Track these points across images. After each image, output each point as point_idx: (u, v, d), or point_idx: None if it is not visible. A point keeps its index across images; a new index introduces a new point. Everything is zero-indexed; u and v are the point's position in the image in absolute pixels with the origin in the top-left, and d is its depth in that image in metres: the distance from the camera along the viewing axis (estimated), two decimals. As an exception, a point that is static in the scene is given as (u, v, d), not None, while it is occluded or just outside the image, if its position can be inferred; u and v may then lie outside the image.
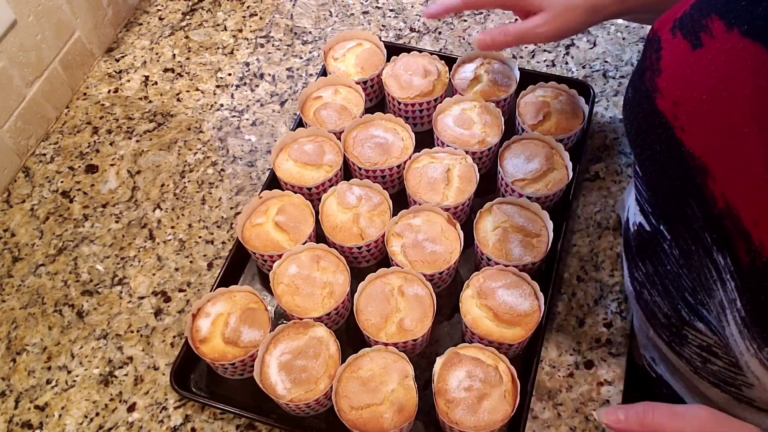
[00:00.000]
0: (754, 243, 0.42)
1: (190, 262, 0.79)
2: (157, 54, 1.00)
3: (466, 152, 0.79)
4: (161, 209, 0.84)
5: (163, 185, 0.86)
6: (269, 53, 0.99)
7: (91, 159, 0.89)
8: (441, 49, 0.97)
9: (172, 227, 0.82)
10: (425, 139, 0.83)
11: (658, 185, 0.52)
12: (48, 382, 0.71)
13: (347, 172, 0.83)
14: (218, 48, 1.00)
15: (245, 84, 0.96)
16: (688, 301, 0.55)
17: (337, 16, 1.03)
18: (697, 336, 0.57)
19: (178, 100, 0.95)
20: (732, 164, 0.44)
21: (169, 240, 0.81)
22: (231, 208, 0.84)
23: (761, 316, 0.43)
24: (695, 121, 0.46)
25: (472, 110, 0.83)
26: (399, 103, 0.85)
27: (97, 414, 0.69)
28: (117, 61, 0.99)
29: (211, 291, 0.71)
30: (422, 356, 0.71)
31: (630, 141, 0.55)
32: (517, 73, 0.85)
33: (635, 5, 0.65)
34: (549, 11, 0.65)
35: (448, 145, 0.79)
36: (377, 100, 0.91)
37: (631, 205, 0.63)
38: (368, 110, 0.91)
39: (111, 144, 0.90)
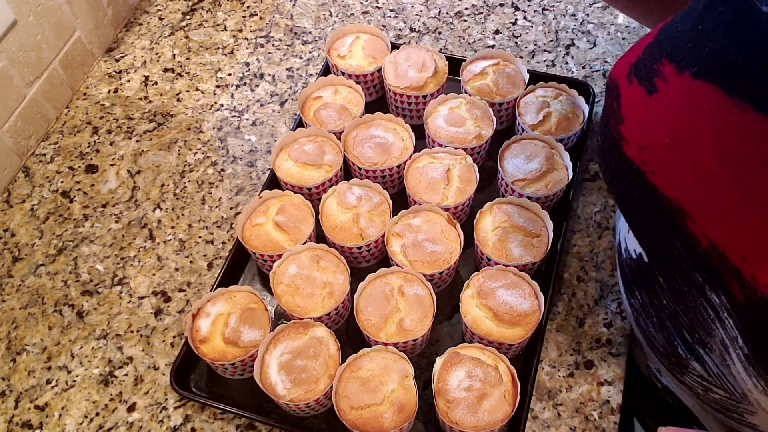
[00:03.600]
0: (745, 279, 0.41)
1: (190, 262, 0.79)
2: (157, 54, 1.00)
3: (464, 149, 0.79)
4: (161, 209, 0.84)
5: (163, 185, 0.86)
6: (269, 53, 0.99)
7: (91, 159, 0.89)
8: (441, 49, 0.97)
9: (172, 227, 0.82)
10: (416, 131, 0.83)
11: (641, 229, 0.52)
12: (48, 382, 0.71)
13: (347, 172, 0.83)
14: (218, 48, 1.00)
15: (245, 84, 0.96)
16: (685, 339, 0.53)
17: (337, 16, 1.03)
18: (696, 368, 0.56)
19: (178, 100, 0.95)
20: (707, 204, 0.43)
21: (169, 240, 0.81)
22: (231, 208, 0.84)
23: (765, 352, 0.43)
24: (663, 166, 0.46)
25: (459, 107, 0.83)
26: (390, 91, 0.85)
27: (97, 414, 0.69)
28: (117, 61, 0.99)
29: (211, 291, 0.71)
30: (422, 356, 0.71)
31: (608, 186, 0.55)
32: (527, 77, 0.85)
33: None
34: None
35: (446, 146, 0.79)
36: (383, 91, 0.91)
37: (625, 228, 0.62)
38: (373, 102, 0.91)
39: (111, 144, 0.90)
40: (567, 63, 0.95)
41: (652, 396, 0.71)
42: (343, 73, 0.88)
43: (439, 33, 1.00)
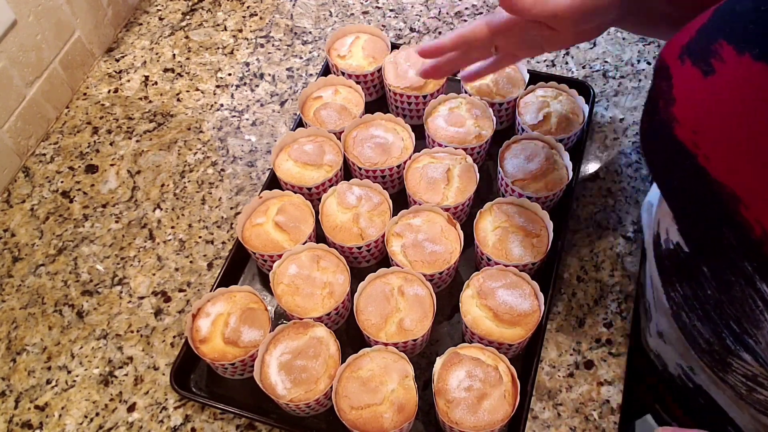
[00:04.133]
0: None
1: (190, 262, 0.79)
2: (157, 54, 1.00)
3: (464, 149, 0.79)
4: (161, 209, 0.84)
5: (163, 185, 0.86)
6: (269, 53, 0.99)
7: (91, 159, 0.89)
8: (441, 49, 0.97)
9: (172, 227, 0.82)
10: (416, 131, 0.83)
11: (687, 216, 0.50)
12: (48, 382, 0.71)
13: (347, 172, 0.83)
14: (218, 48, 1.00)
15: (245, 84, 0.96)
16: (733, 329, 0.52)
17: (337, 16, 1.03)
18: (743, 365, 0.54)
19: (178, 100, 0.95)
20: (763, 190, 0.42)
21: (169, 240, 0.81)
22: (231, 208, 0.84)
23: None
24: (718, 149, 0.44)
25: (459, 107, 0.83)
26: (390, 91, 0.85)
27: (97, 414, 0.69)
28: (117, 61, 0.99)
29: (211, 291, 0.71)
30: (422, 356, 0.71)
31: (652, 172, 0.53)
32: (527, 77, 0.85)
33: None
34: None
35: (446, 146, 0.79)
36: (383, 91, 0.91)
37: (666, 219, 0.60)
38: (373, 102, 0.91)
39: (111, 144, 0.90)
40: (567, 63, 0.95)
41: (680, 396, 0.69)
42: (343, 73, 0.88)
43: (439, 33, 1.00)
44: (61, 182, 0.87)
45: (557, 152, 0.79)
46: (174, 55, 1.00)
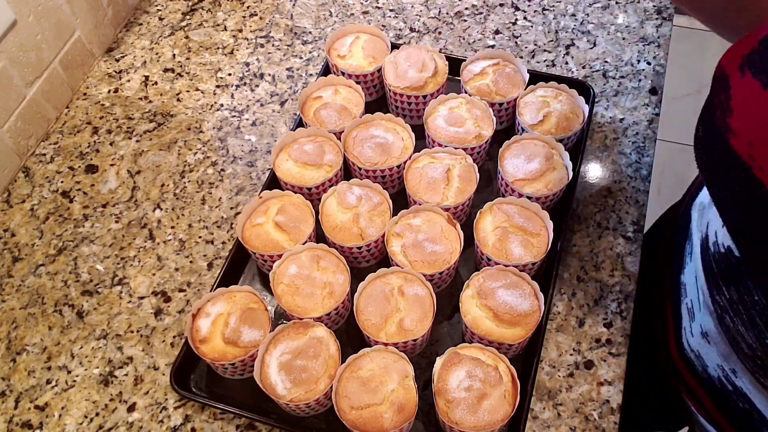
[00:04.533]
0: None
1: (190, 262, 0.79)
2: (157, 54, 1.00)
3: (464, 149, 0.79)
4: (161, 209, 0.84)
5: (163, 185, 0.86)
6: (269, 53, 0.99)
7: (91, 159, 0.89)
8: (441, 49, 0.97)
9: (172, 227, 0.82)
10: (416, 131, 0.83)
11: (740, 226, 0.50)
12: (48, 382, 0.71)
13: (347, 172, 0.83)
14: (218, 48, 1.00)
15: (245, 84, 0.96)
16: None
17: (337, 16, 1.03)
18: None
19: (178, 100, 0.95)
20: None
21: (169, 240, 0.81)
22: (231, 208, 0.84)
23: None
24: None
25: (460, 107, 0.83)
26: (390, 91, 0.85)
27: (97, 414, 0.69)
28: (117, 61, 0.99)
29: (211, 291, 0.71)
30: (422, 356, 0.71)
31: (706, 181, 0.53)
32: (527, 77, 0.85)
33: None
34: None
35: (446, 146, 0.79)
36: (383, 91, 0.91)
37: (716, 222, 0.60)
38: (373, 102, 0.91)
39: (111, 144, 0.90)
40: (567, 63, 0.95)
41: (720, 399, 0.69)
42: (343, 73, 0.88)
43: (439, 33, 1.00)
44: (61, 182, 0.87)
45: (557, 152, 0.79)
46: (174, 55, 1.00)
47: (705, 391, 0.70)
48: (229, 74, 0.97)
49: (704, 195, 0.70)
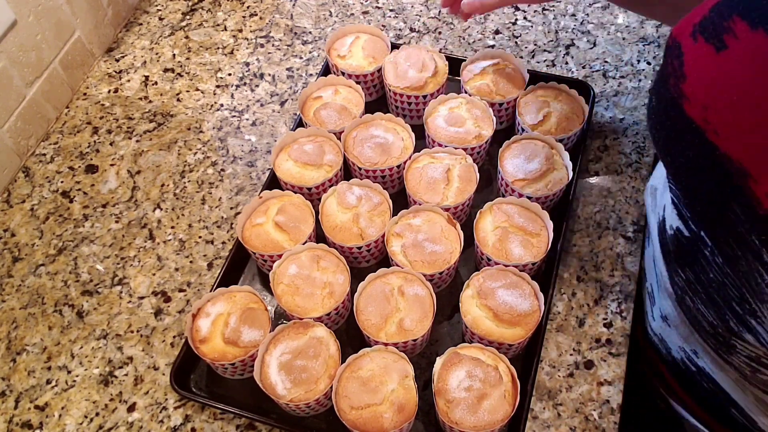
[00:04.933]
0: None
1: (190, 262, 0.79)
2: (157, 54, 1.00)
3: (464, 149, 0.79)
4: (161, 209, 0.84)
5: (163, 185, 0.86)
6: (269, 53, 0.99)
7: (91, 159, 0.89)
8: (441, 49, 0.97)
9: (172, 227, 0.82)
10: (416, 131, 0.83)
11: (695, 192, 0.51)
12: (48, 382, 0.71)
13: (347, 172, 0.83)
14: (218, 48, 1.00)
15: (245, 84, 0.96)
16: (736, 311, 0.53)
17: (337, 16, 1.03)
18: (746, 347, 0.55)
19: (178, 100, 0.95)
20: None
21: (169, 240, 0.81)
22: (231, 208, 0.84)
23: None
24: (728, 124, 0.45)
25: (460, 107, 0.83)
26: (390, 91, 0.85)
27: (97, 414, 0.69)
28: (117, 61, 0.99)
29: (211, 291, 0.71)
30: (422, 356, 0.71)
31: (659, 150, 0.54)
32: (527, 77, 0.85)
33: None
34: None
35: (446, 146, 0.79)
36: (383, 91, 0.91)
37: (668, 205, 0.61)
38: (373, 102, 0.91)
39: (111, 144, 0.90)
40: (567, 63, 0.95)
41: (685, 380, 0.70)
42: (343, 73, 0.88)
43: (439, 33, 1.00)
44: (61, 182, 0.87)
45: (557, 152, 0.79)
46: (174, 55, 1.00)
47: (671, 374, 0.71)
48: (229, 74, 0.97)
49: (656, 178, 0.71)
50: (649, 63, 0.94)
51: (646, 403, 0.79)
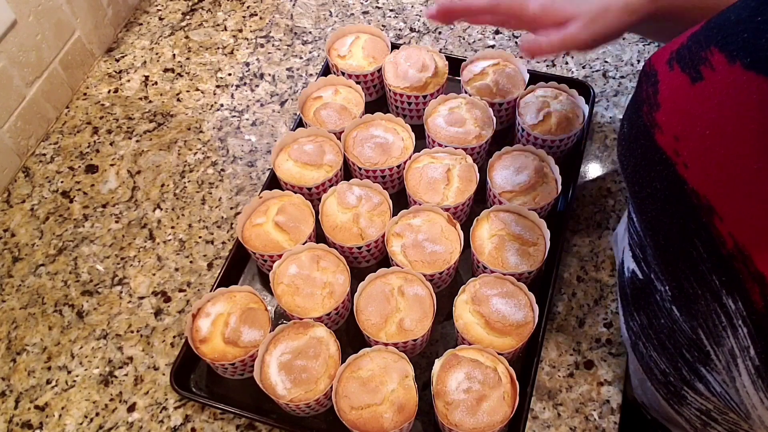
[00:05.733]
0: None
1: (190, 262, 0.79)
2: (157, 54, 1.00)
3: (464, 149, 0.79)
4: (161, 209, 0.84)
5: (163, 185, 0.86)
6: (269, 53, 0.99)
7: (91, 159, 0.89)
8: (441, 49, 0.97)
9: (172, 227, 0.82)
10: (416, 131, 0.83)
11: (658, 226, 0.50)
12: (48, 382, 0.71)
13: (347, 172, 0.83)
14: (218, 48, 1.00)
15: (245, 84, 0.96)
16: (686, 359, 0.52)
17: (337, 16, 1.03)
18: (696, 399, 0.54)
19: (178, 100, 0.95)
20: (740, 203, 0.41)
21: (169, 240, 0.81)
22: (231, 208, 0.84)
23: None
24: (699, 158, 0.44)
25: (460, 108, 0.83)
26: (390, 91, 0.85)
27: (97, 414, 0.69)
28: (117, 61, 0.99)
29: (211, 291, 0.71)
30: (422, 356, 0.71)
31: (626, 178, 0.53)
32: (527, 77, 0.85)
33: (669, 4, 0.59)
34: (582, 17, 0.58)
35: (446, 146, 0.79)
36: (383, 91, 0.91)
37: (625, 247, 0.60)
38: (373, 102, 0.91)
39: (111, 144, 0.90)
40: (567, 63, 0.95)
41: (641, 427, 0.71)
42: (343, 73, 0.88)
43: (439, 33, 1.00)
44: (61, 182, 0.87)
45: (547, 165, 0.78)
46: (174, 55, 1.00)
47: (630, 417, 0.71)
48: (229, 74, 0.97)
49: (621, 225, 0.70)
50: (649, 63, 0.94)
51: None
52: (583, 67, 0.94)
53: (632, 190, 0.52)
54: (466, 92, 0.85)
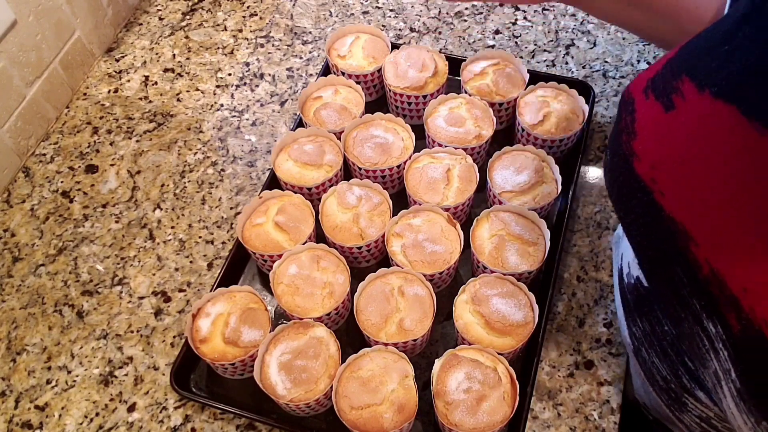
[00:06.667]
0: (743, 310, 0.40)
1: (190, 262, 0.79)
2: (157, 54, 1.00)
3: (464, 149, 0.79)
4: (161, 209, 0.84)
5: (163, 185, 0.86)
6: (269, 53, 0.99)
7: (91, 159, 0.89)
8: (441, 49, 0.97)
9: (172, 227, 0.82)
10: (416, 131, 0.83)
11: (643, 249, 0.50)
12: (48, 382, 0.71)
13: (347, 172, 0.83)
14: (218, 48, 1.00)
15: (245, 84, 0.96)
16: (688, 367, 0.52)
17: (337, 16, 1.03)
18: (697, 406, 0.54)
19: (178, 100, 0.95)
20: (714, 229, 0.42)
21: (169, 240, 0.81)
22: (231, 208, 0.84)
23: (757, 388, 0.41)
24: (673, 186, 0.45)
25: (459, 107, 0.83)
26: (390, 91, 0.85)
27: (97, 414, 0.69)
28: (117, 61, 0.99)
29: (211, 291, 0.71)
30: (422, 356, 0.71)
31: (613, 203, 0.54)
32: (527, 77, 0.85)
33: None
34: None
35: (446, 146, 0.79)
36: (383, 91, 0.91)
37: (628, 253, 0.60)
38: (373, 102, 0.91)
39: (111, 144, 0.90)
40: (567, 63, 0.95)
41: (641, 427, 0.71)
42: (343, 73, 0.88)
43: (439, 33, 1.00)
44: (61, 182, 0.87)
45: (548, 165, 0.78)
46: (174, 55, 1.00)
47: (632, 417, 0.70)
48: (229, 74, 0.97)
49: (620, 227, 0.71)
50: (649, 63, 0.94)
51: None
52: (583, 67, 0.94)
53: (619, 216, 0.53)
54: (466, 92, 0.85)
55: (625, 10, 0.65)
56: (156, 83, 0.96)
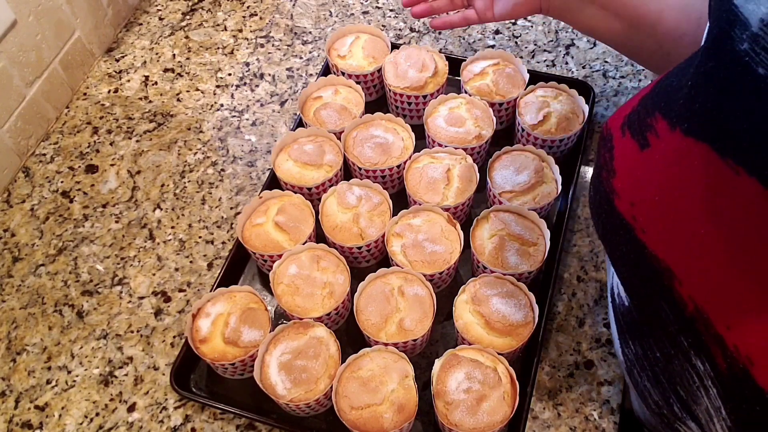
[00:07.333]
0: (728, 348, 0.40)
1: (190, 262, 0.79)
2: (157, 54, 1.00)
3: (464, 149, 0.79)
4: (161, 209, 0.84)
5: (163, 185, 0.86)
6: (269, 53, 0.99)
7: (91, 159, 0.89)
8: (441, 49, 0.97)
9: (172, 227, 0.82)
10: (416, 131, 0.83)
11: (631, 285, 0.50)
12: (48, 382, 0.71)
13: (347, 172, 0.83)
14: (218, 48, 1.00)
15: (245, 84, 0.96)
16: (680, 395, 0.51)
17: (337, 16, 1.03)
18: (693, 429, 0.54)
19: (178, 100, 0.95)
20: (694, 266, 0.41)
21: (169, 240, 0.81)
22: (231, 208, 0.84)
23: (747, 426, 0.41)
24: (653, 224, 0.44)
25: (459, 107, 0.83)
26: (390, 91, 0.85)
27: (97, 414, 0.69)
28: (117, 61, 0.99)
29: (211, 291, 0.71)
30: (422, 356, 0.71)
31: (600, 238, 0.53)
32: (527, 77, 0.85)
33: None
34: None
35: (446, 146, 0.79)
36: (383, 91, 0.91)
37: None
38: (373, 102, 0.91)
39: (111, 144, 0.90)
40: (567, 63, 0.95)
41: (641, 427, 0.70)
42: (343, 73, 0.88)
43: (439, 33, 1.00)
44: (61, 182, 0.87)
45: (548, 165, 0.78)
46: (174, 55, 1.00)
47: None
48: (229, 74, 0.97)
49: None
50: (649, 63, 0.94)
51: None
52: (583, 67, 0.94)
53: (606, 250, 0.53)
54: (466, 92, 0.85)
55: (607, 21, 0.65)
56: (156, 83, 0.96)
